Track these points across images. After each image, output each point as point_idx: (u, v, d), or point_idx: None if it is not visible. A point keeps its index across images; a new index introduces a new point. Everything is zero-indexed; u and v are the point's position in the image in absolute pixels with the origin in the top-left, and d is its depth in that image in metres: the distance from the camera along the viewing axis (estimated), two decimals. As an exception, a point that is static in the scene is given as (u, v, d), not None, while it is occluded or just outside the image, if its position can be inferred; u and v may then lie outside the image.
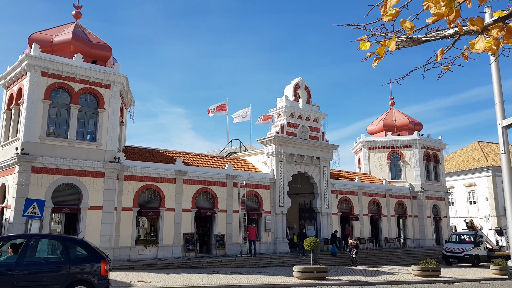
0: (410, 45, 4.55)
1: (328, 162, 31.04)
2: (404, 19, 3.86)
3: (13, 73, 21.07)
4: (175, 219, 23.20)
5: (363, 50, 4.21)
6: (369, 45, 4.21)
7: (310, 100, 31.25)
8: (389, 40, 4.16)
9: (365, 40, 4.21)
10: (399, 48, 4.54)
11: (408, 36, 4.39)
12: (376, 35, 4.29)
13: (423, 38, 4.41)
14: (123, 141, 25.12)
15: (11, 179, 19.32)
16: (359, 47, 4.21)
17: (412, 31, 3.91)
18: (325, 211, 30.02)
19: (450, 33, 4.21)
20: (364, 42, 4.18)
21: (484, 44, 3.84)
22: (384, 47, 4.20)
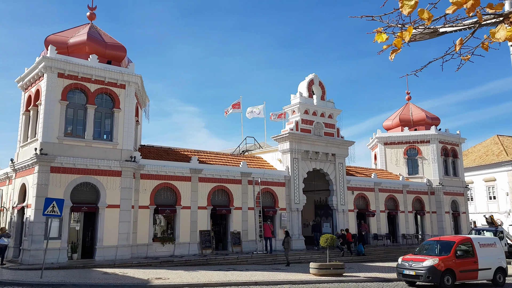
0: (427, 38, 4.44)
1: (343, 158, 30.79)
2: (422, 9, 3.76)
3: (30, 75, 21.47)
4: (191, 217, 23.35)
5: (377, 43, 4.12)
6: (385, 37, 4.11)
7: (324, 96, 31.01)
8: (406, 31, 4.06)
9: (382, 32, 4.12)
10: (416, 40, 4.43)
11: (426, 26, 4.28)
12: (392, 27, 4.19)
13: (441, 30, 4.30)
14: (138, 140, 25.37)
15: (31, 179, 19.70)
16: (374, 39, 4.13)
17: (430, 22, 3.81)
18: (341, 208, 29.82)
19: (469, 23, 4.10)
20: (381, 34, 4.09)
21: (505, 33, 3.72)
22: (402, 39, 4.10)
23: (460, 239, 16.72)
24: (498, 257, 16.68)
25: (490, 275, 16.22)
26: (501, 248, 17.20)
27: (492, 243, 17.01)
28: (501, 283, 16.35)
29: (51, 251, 18.13)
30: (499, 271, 16.45)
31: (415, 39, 4.41)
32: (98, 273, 16.59)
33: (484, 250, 16.28)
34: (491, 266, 16.19)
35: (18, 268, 17.31)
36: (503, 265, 16.64)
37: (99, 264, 18.65)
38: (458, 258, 15.60)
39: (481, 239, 16.96)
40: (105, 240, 20.04)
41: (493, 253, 16.56)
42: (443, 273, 14.89)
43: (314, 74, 30.95)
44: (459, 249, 15.98)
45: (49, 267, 17.16)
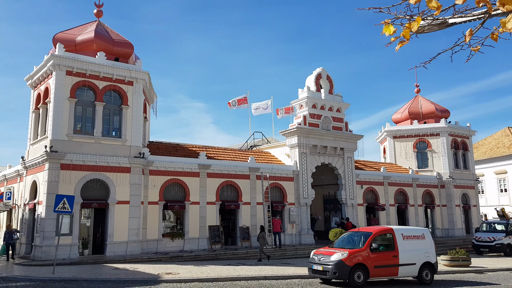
0: (436, 29, 4.36)
1: (352, 152, 30.64)
2: (430, -1, 3.69)
3: (39, 73, 21.63)
4: (200, 212, 23.46)
5: (386, 35, 4.06)
6: (393, 29, 4.04)
7: (332, 90, 30.83)
8: (414, 22, 3.99)
9: (389, 24, 4.05)
10: (425, 32, 4.35)
11: (434, 17, 4.20)
12: (400, 18, 4.12)
13: (450, 21, 4.22)
14: (147, 136, 25.49)
15: (42, 176, 19.92)
16: (382, 31, 4.06)
17: (439, 11, 3.74)
18: (350, 202, 29.72)
19: (478, 13, 4.02)
20: (388, 26, 4.02)
21: (516, 23, 3.63)
22: (410, 30, 4.02)
23: (379, 230, 14.90)
24: (426, 251, 14.81)
25: (415, 271, 14.43)
26: (430, 241, 15.22)
27: (420, 235, 15.10)
28: (427, 281, 14.49)
29: (63, 247, 18.34)
30: (426, 267, 14.61)
31: (424, 30, 4.33)
32: (109, 268, 16.75)
33: (409, 243, 14.55)
34: (415, 261, 14.41)
35: (30, 264, 17.56)
36: (431, 260, 14.79)
37: (110, 260, 18.85)
38: (373, 252, 13.86)
39: (405, 231, 15.08)
40: (116, 236, 20.22)
41: (419, 246, 14.76)
42: (352, 268, 13.30)
43: (321, 68, 30.78)
44: (375, 241, 14.20)
45: (61, 263, 17.37)
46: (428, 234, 15.40)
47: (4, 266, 17.45)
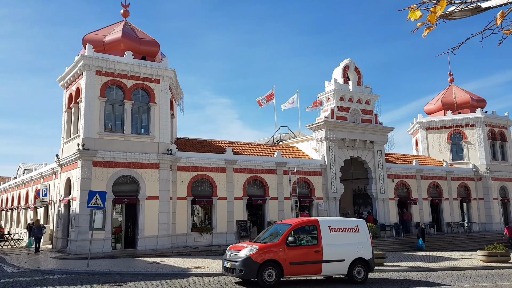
0: (469, 15, 4.13)
1: (382, 145, 29.97)
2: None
3: (70, 73, 22.39)
4: (228, 207, 23.64)
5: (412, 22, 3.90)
6: (419, 14, 3.87)
7: (360, 81, 30.23)
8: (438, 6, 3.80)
9: (415, 8, 3.88)
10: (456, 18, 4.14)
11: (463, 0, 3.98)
12: (426, 3, 3.95)
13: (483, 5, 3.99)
14: (174, 133, 25.90)
15: (75, 173, 20.66)
16: (408, 17, 3.90)
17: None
18: (381, 196, 29.10)
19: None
20: (414, 11, 3.85)
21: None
22: (435, 14, 3.84)
23: (299, 221, 13.06)
24: (359, 246, 12.85)
25: (344, 269, 12.55)
26: (366, 234, 13.25)
27: (353, 227, 13.14)
28: (359, 279, 12.57)
29: (96, 242, 18.97)
30: (359, 263, 12.68)
31: (455, 16, 4.12)
32: (140, 262, 17.18)
33: (337, 237, 12.67)
34: (345, 257, 12.51)
35: (66, 258, 18.27)
36: (365, 255, 12.83)
37: (141, 254, 19.33)
38: (290, 247, 11.96)
39: (334, 222, 13.24)
40: (146, 230, 20.72)
41: (351, 240, 12.85)
42: (262, 265, 11.53)
43: (349, 59, 30.24)
44: (295, 234, 12.36)
45: (95, 257, 17.97)
46: (363, 226, 13.39)
47: (42, 260, 18.25)
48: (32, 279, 13.31)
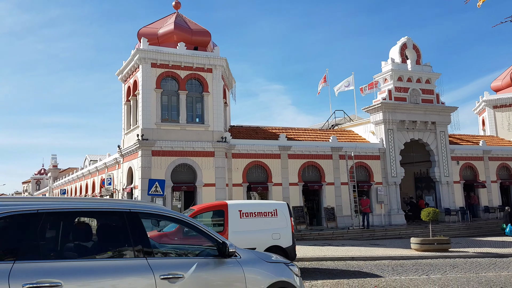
0: None
1: (445, 126, 28.28)
2: None
3: (128, 67, 23.25)
4: (283, 193, 23.56)
5: None
6: None
7: (420, 60, 28.60)
8: None
9: None
10: None
11: None
12: None
13: None
14: (228, 121, 26.14)
15: (136, 162, 21.56)
16: None
17: None
18: (444, 180, 27.55)
19: None
20: None
21: None
22: None
23: (205, 206, 11.87)
24: (275, 232, 11.34)
25: None
26: (285, 219, 11.73)
27: (270, 211, 11.63)
28: None
29: (158, 228, 19.69)
30: (274, 252, 10.57)
31: None
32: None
33: (248, 222, 11.28)
34: (256, 245, 10.86)
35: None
36: (282, 243, 11.27)
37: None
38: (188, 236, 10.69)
39: (247, 206, 11.70)
40: (204, 217, 21.18)
41: (265, 226, 11.43)
42: None
43: (407, 37, 28.70)
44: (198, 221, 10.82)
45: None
46: (284, 210, 11.85)
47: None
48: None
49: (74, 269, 3.65)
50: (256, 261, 5.15)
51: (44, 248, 3.64)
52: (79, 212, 4.11)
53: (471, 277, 11.25)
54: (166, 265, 4.20)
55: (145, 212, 4.45)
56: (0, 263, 3.32)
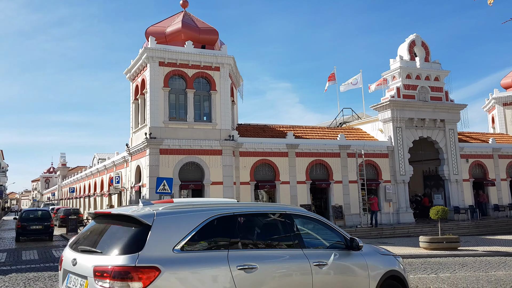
0: None
1: (454, 124, 28.04)
2: None
3: (136, 66, 23.36)
4: (291, 192, 23.54)
5: None
6: None
7: (428, 57, 28.37)
8: None
9: None
10: None
11: None
12: None
13: None
14: (235, 119, 26.15)
15: (144, 161, 21.67)
16: None
17: None
18: (453, 178, 27.33)
19: None
20: None
21: None
22: None
23: None
24: None
25: None
26: None
27: None
28: None
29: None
30: None
31: None
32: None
33: None
34: None
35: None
36: None
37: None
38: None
39: None
40: (212, 215, 21.22)
41: None
42: None
43: (415, 34, 28.49)
44: None
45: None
46: None
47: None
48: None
49: (263, 256, 4.83)
50: (373, 253, 6.09)
51: (243, 240, 4.83)
52: (259, 214, 5.39)
53: (480, 276, 11.15)
54: (314, 255, 5.30)
55: (295, 214, 5.63)
56: (220, 251, 4.53)
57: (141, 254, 4.03)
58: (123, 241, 4.24)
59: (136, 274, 3.92)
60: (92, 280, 4.09)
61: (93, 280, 4.07)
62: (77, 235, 5.10)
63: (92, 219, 5.16)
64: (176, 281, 4.07)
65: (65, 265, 4.71)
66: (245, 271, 4.52)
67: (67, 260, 4.64)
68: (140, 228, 4.26)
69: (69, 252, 4.73)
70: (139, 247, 4.09)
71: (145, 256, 4.02)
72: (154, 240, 4.16)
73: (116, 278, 3.92)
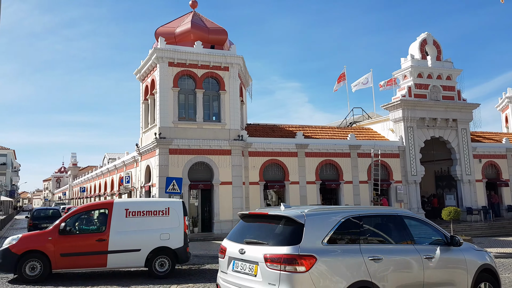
0: None
1: (467, 123, 27.63)
2: None
3: (145, 66, 23.45)
4: (300, 192, 23.40)
5: None
6: None
7: (440, 56, 28.00)
8: None
9: None
10: None
11: None
12: None
13: None
14: (244, 119, 26.10)
15: (154, 160, 21.74)
16: None
17: None
18: (466, 178, 26.92)
19: None
20: None
21: None
22: None
23: (88, 205, 11.52)
24: (164, 232, 10.81)
25: (141, 260, 10.64)
26: (178, 218, 11.08)
27: (162, 209, 11.02)
28: (161, 273, 10.68)
29: (175, 226, 19.81)
30: (163, 254, 10.78)
31: None
32: (216, 245, 17.65)
33: (134, 222, 10.72)
34: (141, 246, 10.59)
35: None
36: (172, 244, 10.82)
37: (217, 237, 19.88)
38: (63, 235, 10.37)
39: (135, 204, 11.07)
40: (221, 214, 21.25)
41: (154, 225, 10.83)
42: (21, 257, 10.08)
43: (427, 32, 28.14)
44: (74, 220, 10.85)
45: (174, 240, 18.80)
46: (178, 209, 11.21)
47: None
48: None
49: (385, 250, 5.89)
50: (469, 249, 6.87)
51: (369, 237, 5.96)
52: (377, 215, 6.51)
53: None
54: (423, 249, 6.23)
55: (405, 215, 6.58)
56: (354, 245, 5.64)
57: (301, 245, 5.23)
58: (285, 236, 5.46)
59: (300, 260, 5.12)
60: (263, 265, 5.33)
61: (264, 265, 5.32)
62: (233, 231, 6.31)
63: (241, 218, 6.40)
64: (327, 266, 5.23)
65: (230, 254, 5.95)
66: (374, 261, 5.58)
67: (232, 249, 5.89)
68: (296, 226, 5.44)
69: (232, 243, 6.01)
70: (298, 240, 5.28)
71: (304, 247, 5.23)
72: (308, 235, 5.34)
73: (286, 263, 5.14)
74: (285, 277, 5.11)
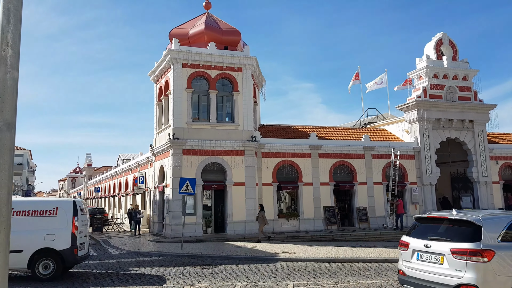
0: None
1: (483, 124, 27.15)
2: None
3: (159, 68, 23.60)
4: (314, 193, 23.26)
5: None
6: None
7: (456, 56, 27.58)
8: None
9: None
10: None
11: None
12: None
13: None
14: (258, 120, 26.07)
15: (167, 161, 21.84)
16: None
17: None
18: (483, 180, 26.44)
19: None
20: None
21: None
22: None
23: None
24: (49, 233, 10.40)
25: (23, 262, 10.15)
26: (66, 219, 10.66)
27: (49, 209, 10.64)
28: (45, 276, 10.21)
29: (189, 226, 19.92)
30: (47, 256, 10.32)
31: None
32: (229, 246, 17.65)
33: (17, 221, 10.11)
34: (23, 247, 10.09)
35: (162, 241, 19.48)
36: (57, 246, 10.36)
37: (230, 238, 19.87)
38: None
39: (18, 204, 10.59)
40: (234, 215, 21.24)
41: (38, 226, 10.40)
42: None
43: (442, 32, 27.76)
44: None
45: (188, 240, 18.89)
46: (67, 209, 10.80)
47: (141, 243, 19.69)
48: (132, 260, 14.34)
49: None
50: None
51: None
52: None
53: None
54: None
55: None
56: None
57: (482, 242, 6.58)
58: (466, 234, 6.83)
59: (483, 253, 6.47)
60: (449, 256, 6.73)
61: (450, 256, 6.71)
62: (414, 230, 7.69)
63: (418, 220, 7.88)
64: (503, 259, 6.50)
65: (413, 247, 7.42)
66: None
67: (417, 244, 7.36)
68: (475, 227, 6.81)
69: (414, 239, 7.49)
70: (478, 238, 6.65)
71: (484, 243, 6.58)
72: (486, 234, 6.67)
73: (472, 255, 6.52)
74: (471, 265, 6.50)
